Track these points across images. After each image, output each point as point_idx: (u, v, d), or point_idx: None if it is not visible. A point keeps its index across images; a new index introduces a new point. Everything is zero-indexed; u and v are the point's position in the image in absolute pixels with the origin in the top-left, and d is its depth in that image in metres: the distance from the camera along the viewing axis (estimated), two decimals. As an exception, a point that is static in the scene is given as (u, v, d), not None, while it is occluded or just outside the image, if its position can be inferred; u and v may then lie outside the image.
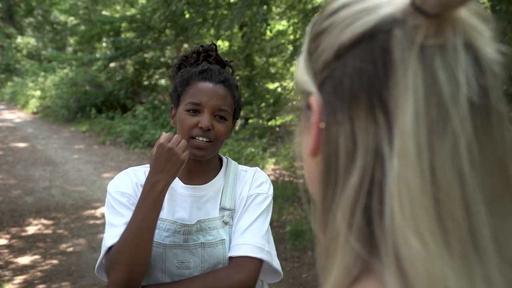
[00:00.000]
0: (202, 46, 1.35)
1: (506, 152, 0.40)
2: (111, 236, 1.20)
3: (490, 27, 0.41)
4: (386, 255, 0.39)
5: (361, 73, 0.40)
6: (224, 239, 1.25)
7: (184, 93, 1.27)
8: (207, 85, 1.25)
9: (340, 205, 0.41)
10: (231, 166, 1.36)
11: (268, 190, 1.33)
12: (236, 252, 1.21)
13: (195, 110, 1.24)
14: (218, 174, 1.34)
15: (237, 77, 7.95)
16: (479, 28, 0.40)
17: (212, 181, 1.32)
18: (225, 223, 1.27)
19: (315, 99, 0.44)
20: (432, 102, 0.38)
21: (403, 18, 0.39)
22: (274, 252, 1.27)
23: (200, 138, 1.23)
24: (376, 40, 0.40)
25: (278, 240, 4.44)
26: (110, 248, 1.18)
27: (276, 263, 1.26)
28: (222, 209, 1.29)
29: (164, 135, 1.20)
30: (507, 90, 0.42)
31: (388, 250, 0.38)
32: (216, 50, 1.36)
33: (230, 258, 1.22)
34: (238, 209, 1.29)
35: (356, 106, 0.40)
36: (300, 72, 0.47)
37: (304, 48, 0.48)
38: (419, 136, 0.37)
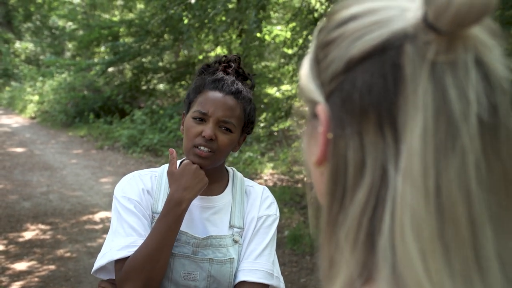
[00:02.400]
0: (225, 56, 1.34)
1: None
2: (119, 246, 1.19)
3: (499, 42, 0.41)
4: (385, 272, 0.38)
5: (371, 88, 0.40)
6: (233, 258, 1.26)
7: (194, 100, 1.27)
8: (216, 95, 1.24)
9: (346, 219, 0.41)
10: (238, 180, 1.37)
11: (276, 211, 1.35)
12: (250, 277, 1.24)
13: (201, 119, 1.23)
14: (227, 188, 1.34)
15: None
16: (489, 44, 0.40)
17: (221, 195, 1.32)
18: (235, 241, 1.28)
19: (322, 110, 0.44)
20: (441, 120, 0.37)
21: (414, 34, 0.39)
22: (279, 273, 1.31)
23: (202, 148, 1.22)
24: (387, 55, 0.39)
25: (277, 244, 4.40)
26: (119, 259, 1.19)
27: (283, 285, 1.31)
28: (232, 226, 1.30)
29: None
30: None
31: (387, 268, 0.38)
32: (239, 62, 1.33)
33: (244, 282, 1.24)
34: (248, 230, 1.30)
35: (365, 122, 0.40)
36: (306, 79, 0.47)
37: (310, 55, 0.48)
38: (426, 156, 0.37)
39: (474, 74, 0.38)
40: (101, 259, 1.22)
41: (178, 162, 1.34)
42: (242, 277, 1.24)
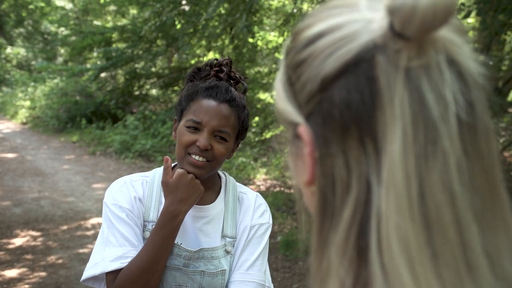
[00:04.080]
0: (216, 59, 1.31)
1: (493, 164, 0.40)
2: (112, 257, 1.18)
3: (467, 38, 0.41)
4: (376, 285, 0.38)
5: (349, 104, 0.40)
6: (225, 270, 1.25)
7: (187, 108, 1.24)
8: (210, 104, 1.21)
9: (336, 237, 0.41)
10: (230, 186, 1.35)
11: (269, 219, 1.34)
12: None
13: (195, 128, 1.21)
14: (219, 196, 1.32)
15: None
16: (458, 42, 0.40)
17: (213, 203, 1.31)
18: (227, 252, 1.27)
19: (304, 131, 0.43)
20: (420, 126, 0.37)
21: (383, 44, 0.39)
22: (270, 282, 1.30)
23: (197, 157, 1.20)
24: (359, 69, 0.39)
25: (269, 250, 4.41)
26: (111, 271, 1.17)
27: None
28: (224, 236, 1.28)
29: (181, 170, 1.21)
30: (491, 101, 0.42)
31: (379, 283, 0.38)
32: (230, 65, 1.30)
33: None
34: (241, 239, 1.29)
35: (347, 138, 0.40)
36: (282, 102, 0.47)
37: (281, 76, 0.48)
38: (407, 163, 0.37)
39: (448, 74, 0.38)
40: (93, 269, 1.19)
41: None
42: None
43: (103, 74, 12.23)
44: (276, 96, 0.48)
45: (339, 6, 0.43)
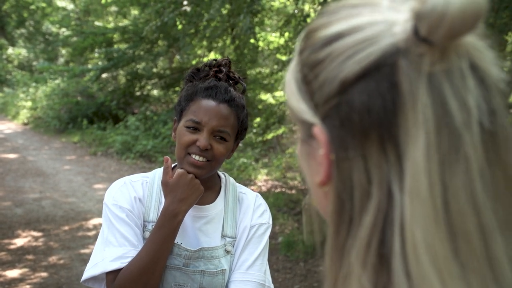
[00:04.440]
0: (215, 60, 1.31)
1: None
2: (112, 257, 1.18)
3: (488, 44, 0.40)
4: None
5: (369, 109, 0.38)
6: (224, 269, 1.25)
7: (187, 108, 1.24)
8: (210, 104, 1.21)
9: (355, 244, 0.40)
10: (230, 187, 1.35)
11: (269, 219, 1.34)
12: None
13: (195, 128, 1.21)
14: (219, 196, 1.33)
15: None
16: (480, 47, 0.39)
17: (213, 203, 1.31)
18: (227, 252, 1.27)
19: (320, 131, 0.42)
20: (443, 133, 0.37)
21: (406, 48, 0.38)
22: (270, 282, 1.30)
23: (197, 157, 1.21)
24: (381, 74, 0.38)
25: (270, 251, 4.42)
26: (111, 271, 1.17)
27: None
28: (224, 236, 1.29)
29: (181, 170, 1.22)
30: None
31: None
32: (229, 65, 1.31)
33: None
34: (240, 239, 1.29)
35: (367, 143, 0.39)
36: (295, 100, 0.46)
37: (294, 74, 0.46)
38: (431, 171, 0.36)
39: (471, 80, 0.38)
40: (93, 269, 1.20)
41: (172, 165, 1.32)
42: None
43: (104, 75, 12.26)
44: (289, 93, 0.47)
45: (359, 6, 0.42)
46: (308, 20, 6.38)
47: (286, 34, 7.49)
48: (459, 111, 0.37)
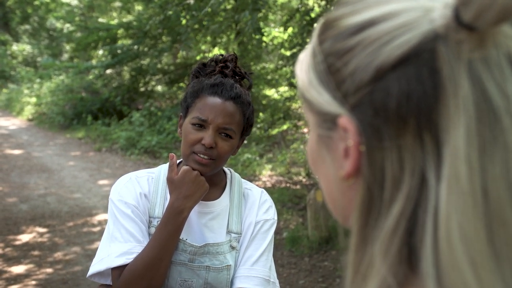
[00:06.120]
0: (221, 55, 1.31)
1: None
2: (117, 253, 1.18)
3: None
4: (429, 285, 0.37)
5: (409, 95, 0.38)
6: (230, 265, 1.25)
7: (192, 105, 1.24)
8: (215, 101, 1.21)
9: (380, 234, 0.39)
10: (235, 183, 1.35)
11: (274, 215, 1.34)
12: (247, 284, 1.23)
13: (200, 125, 1.21)
14: (224, 192, 1.33)
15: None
16: None
17: (218, 199, 1.31)
18: (232, 247, 1.27)
19: (348, 121, 0.41)
20: (484, 119, 0.36)
21: (445, 34, 0.38)
22: (275, 278, 1.30)
23: (202, 155, 1.21)
24: (421, 60, 0.38)
25: (275, 246, 4.41)
26: (116, 267, 1.17)
27: None
28: (229, 232, 1.29)
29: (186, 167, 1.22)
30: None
31: (431, 280, 0.37)
32: (235, 61, 1.30)
33: None
34: (246, 235, 1.29)
35: (403, 131, 0.38)
36: (315, 93, 0.44)
37: (314, 66, 0.45)
38: (471, 158, 0.36)
39: (508, 68, 0.38)
40: (99, 264, 1.20)
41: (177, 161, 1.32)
42: (238, 283, 1.24)
43: (108, 71, 12.27)
44: (306, 87, 0.46)
45: None
46: (312, 14, 6.35)
47: (290, 29, 7.47)
48: (500, 98, 0.37)
